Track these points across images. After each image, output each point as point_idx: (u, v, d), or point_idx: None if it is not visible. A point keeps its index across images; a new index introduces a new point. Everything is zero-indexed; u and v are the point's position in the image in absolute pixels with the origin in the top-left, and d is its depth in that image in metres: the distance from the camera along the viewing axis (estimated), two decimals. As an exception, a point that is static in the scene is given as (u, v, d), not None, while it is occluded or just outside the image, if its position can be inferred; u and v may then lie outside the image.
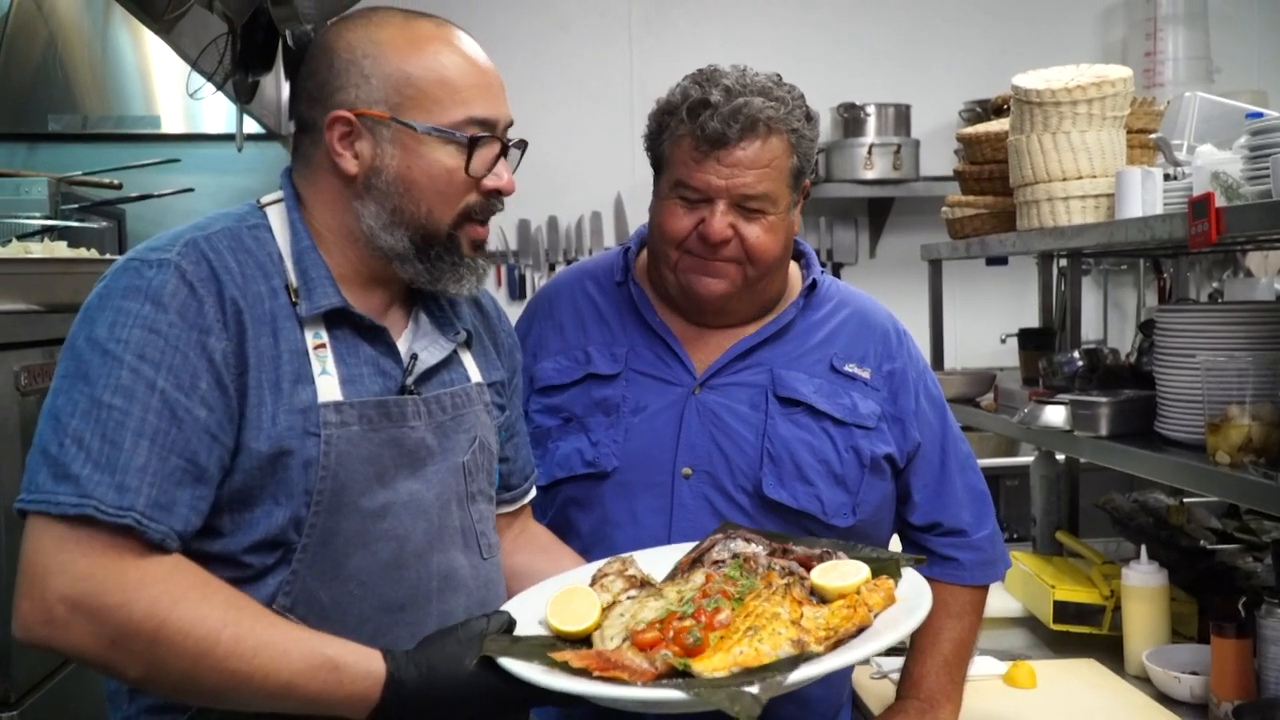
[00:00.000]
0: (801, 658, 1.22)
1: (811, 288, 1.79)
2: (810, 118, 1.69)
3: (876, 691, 2.05)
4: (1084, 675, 2.13)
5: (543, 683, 1.21)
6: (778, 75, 1.70)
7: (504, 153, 1.38)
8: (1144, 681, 2.09)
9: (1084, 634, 2.31)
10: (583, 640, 1.33)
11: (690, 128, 1.62)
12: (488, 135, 1.35)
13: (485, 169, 1.36)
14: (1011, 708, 1.99)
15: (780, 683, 1.17)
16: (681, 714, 1.28)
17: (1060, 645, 2.32)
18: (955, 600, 1.80)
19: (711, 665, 1.20)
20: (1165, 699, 2.01)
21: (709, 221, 1.63)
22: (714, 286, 1.68)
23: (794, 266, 1.84)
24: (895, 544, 1.88)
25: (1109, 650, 2.23)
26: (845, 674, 1.91)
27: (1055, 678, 2.11)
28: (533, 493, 1.68)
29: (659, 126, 1.69)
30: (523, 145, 1.41)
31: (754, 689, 1.15)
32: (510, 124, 1.40)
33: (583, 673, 1.21)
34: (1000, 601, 2.53)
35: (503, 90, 1.40)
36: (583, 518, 1.73)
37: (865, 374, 1.76)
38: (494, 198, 1.39)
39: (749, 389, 1.72)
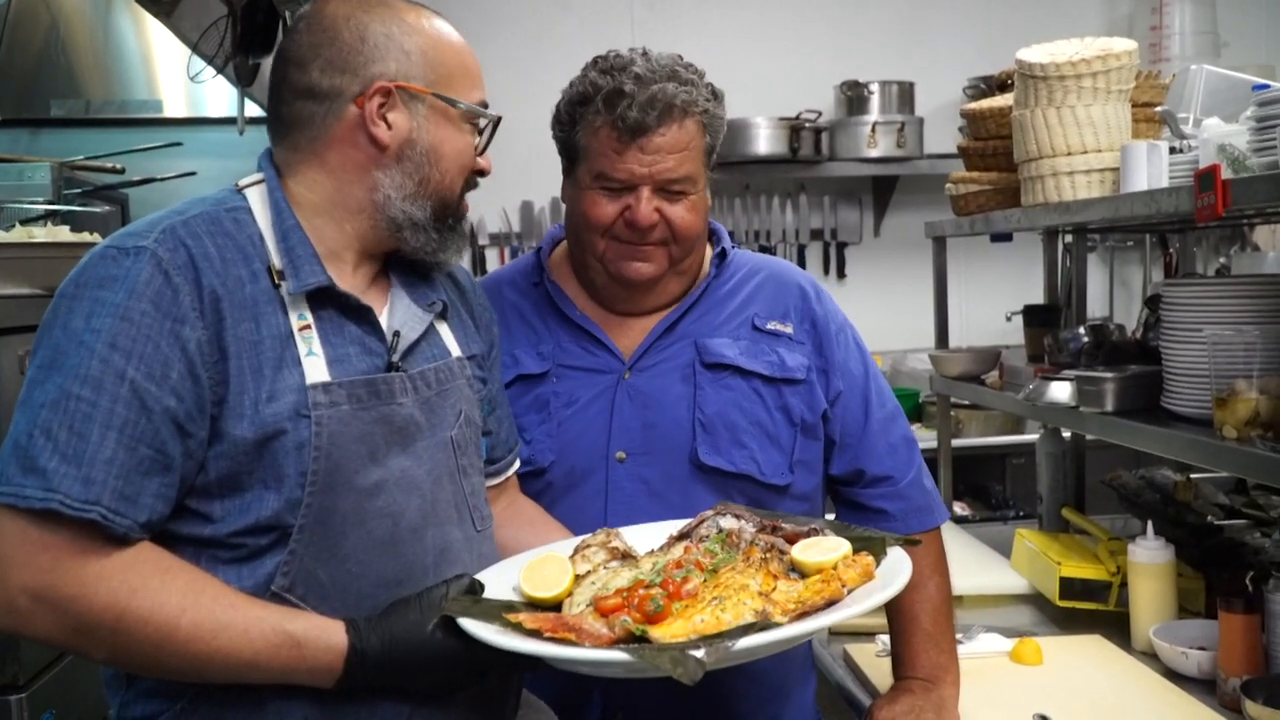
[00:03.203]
0: (758, 626, 1.21)
1: (722, 256, 1.84)
2: (716, 95, 1.73)
3: (882, 670, 2.05)
4: (1090, 652, 2.13)
5: (495, 642, 1.23)
6: (678, 55, 1.73)
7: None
8: (1151, 657, 2.08)
9: (1090, 610, 2.30)
10: (554, 607, 1.34)
11: (608, 118, 1.65)
12: (495, 117, 1.46)
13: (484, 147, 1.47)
14: (1017, 684, 1.98)
15: (728, 648, 1.17)
16: (644, 678, 1.28)
17: (1066, 622, 2.32)
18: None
19: (670, 632, 1.21)
20: (1172, 675, 2.01)
21: (635, 209, 1.67)
22: (644, 270, 1.72)
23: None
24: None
25: (1115, 626, 2.22)
26: (803, 649, 1.92)
27: (1061, 654, 2.10)
28: (516, 464, 1.70)
29: (570, 117, 1.71)
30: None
31: (699, 653, 1.15)
32: None
33: (535, 634, 1.23)
34: (1006, 578, 2.52)
35: None
36: None
37: (788, 329, 1.80)
38: (478, 175, 1.48)
39: (677, 364, 1.76)
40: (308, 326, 1.32)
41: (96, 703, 2.18)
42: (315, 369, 1.30)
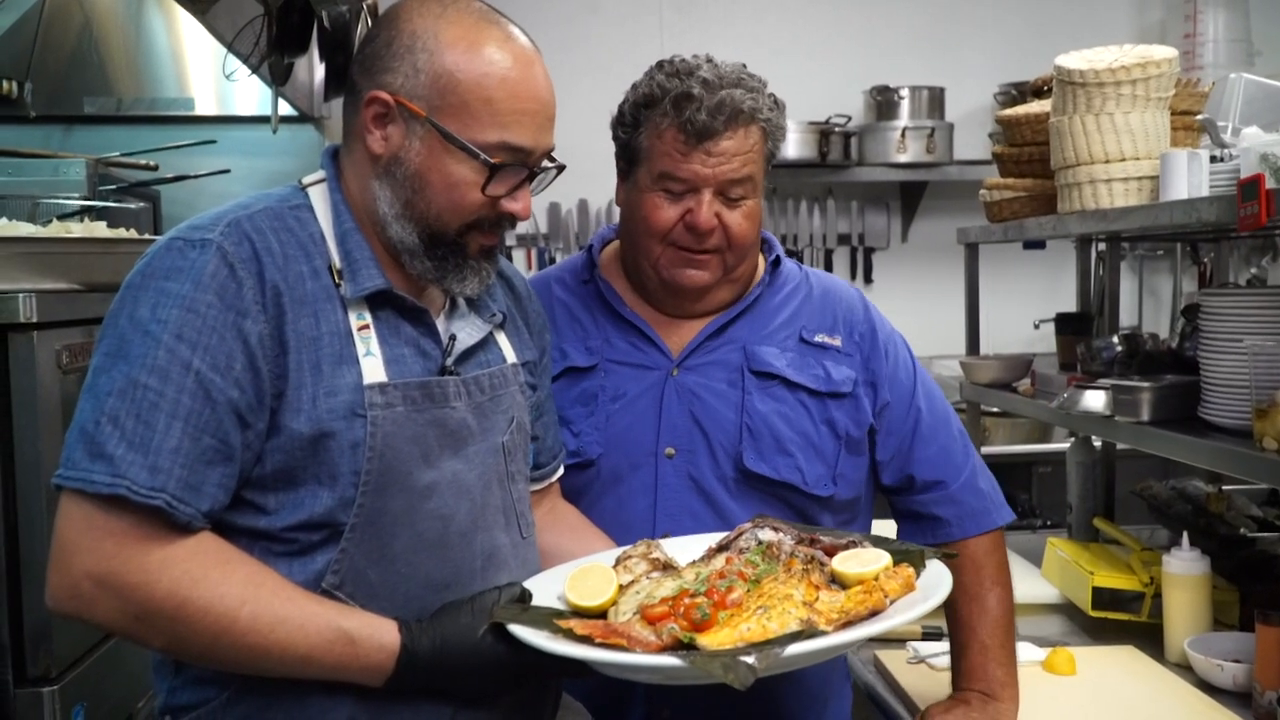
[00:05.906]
0: (804, 634, 1.22)
1: (775, 264, 1.84)
2: (778, 104, 1.73)
3: (912, 677, 2.04)
4: (1124, 662, 2.11)
5: (547, 648, 1.24)
6: (743, 64, 1.73)
7: (530, 179, 1.37)
8: (1185, 669, 2.07)
9: (1123, 621, 2.29)
10: (599, 616, 1.34)
11: (676, 120, 1.65)
12: (515, 164, 1.34)
13: (504, 191, 1.35)
14: (1052, 694, 1.97)
15: (778, 654, 1.18)
16: (689, 685, 1.28)
17: (1099, 632, 2.30)
18: (967, 575, 1.74)
19: (717, 640, 1.21)
20: (1207, 687, 1.99)
21: (697, 211, 1.66)
22: (698, 278, 1.72)
23: None
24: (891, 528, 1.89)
25: (1148, 637, 2.21)
26: (840, 660, 1.91)
27: (1095, 665, 2.09)
28: (560, 471, 1.70)
29: (635, 119, 1.71)
30: (560, 169, 1.40)
31: (750, 659, 1.16)
32: (549, 150, 1.39)
33: (586, 640, 1.24)
34: (1038, 588, 2.51)
35: (549, 120, 1.38)
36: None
37: (836, 341, 1.79)
38: (506, 218, 1.38)
39: (725, 367, 1.75)
40: (366, 327, 1.32)
41: (126, 697, 2.19)
42: (372, 369, 1.31)
